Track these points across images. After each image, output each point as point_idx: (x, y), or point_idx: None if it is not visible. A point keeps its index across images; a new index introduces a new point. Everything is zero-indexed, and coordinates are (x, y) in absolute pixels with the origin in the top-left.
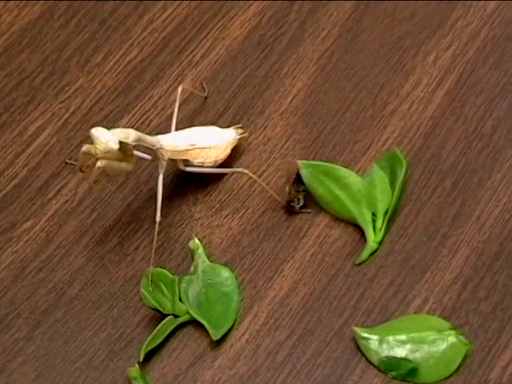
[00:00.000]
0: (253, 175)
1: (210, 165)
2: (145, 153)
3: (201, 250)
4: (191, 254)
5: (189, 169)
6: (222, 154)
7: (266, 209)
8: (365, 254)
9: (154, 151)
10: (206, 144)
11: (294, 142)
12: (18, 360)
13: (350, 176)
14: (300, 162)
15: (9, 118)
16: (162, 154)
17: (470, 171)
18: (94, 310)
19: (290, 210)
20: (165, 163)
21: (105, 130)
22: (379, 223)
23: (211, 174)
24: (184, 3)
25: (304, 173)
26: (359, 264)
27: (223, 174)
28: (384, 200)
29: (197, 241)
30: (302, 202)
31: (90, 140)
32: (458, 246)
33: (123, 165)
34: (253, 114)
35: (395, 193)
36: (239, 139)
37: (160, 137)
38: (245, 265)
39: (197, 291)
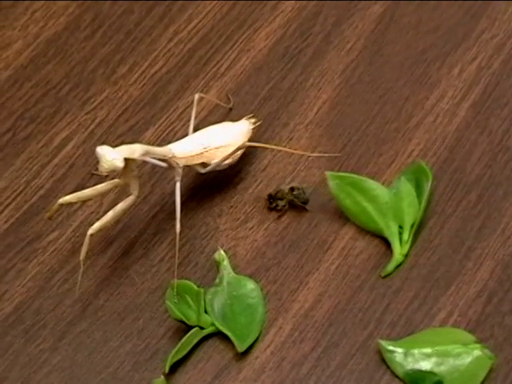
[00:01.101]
0: (256, 144)
1: (229, 162)
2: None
3: (226, 262)
4: (216, 266)
5: (207, 169)
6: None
7: (291, 221)
8: (391, 267)
9: (167, 161)
10: (220, 143)
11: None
12: (44, 371)
13: (378, 188)
14: (327, 173)
15: (35, 129)
16: (177, 163)
17: (495, 184)
18: (119, 321)
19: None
20: (180, 170)
21: (109, 148)
22: (405, 236)
23: (235, 185)
24: (209, 15)
25: (331, 184)
26: (385, 276)
27: (249, 182)
28: (411, 213)
29: (222, 252)
30: (279, 205)
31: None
32: (483, 258)
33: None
34: (278, 126)
35: (422, 206)
36: (253, 129)
37: (171, 146)
38: (270, 277)
39: (222, 303)
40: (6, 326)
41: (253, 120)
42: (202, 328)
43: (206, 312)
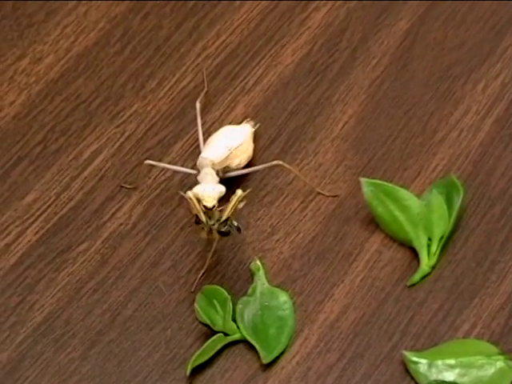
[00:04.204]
0: (286, 165)
1: (245, 163)
2: (192, 168)
3: (261, 272)
4: (251, 275)
5: (228, 174)
6: (249, 148)
7: (317, 233)
8: (417, 277)
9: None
10: (238, 142)
11: (345, 168)
12: (73, 379)
13: (410, 199)
14: (362, 180)
15: (65, 142)
16: (214, 169)
17: None
18: (148, 331)
19: (197, 221)
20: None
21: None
22: (434, 248)
23: (262, 199)
24: (237, 31)
25: (365, 190)
26: (410, 286)
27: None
28: (441, 226)
29: (258, 262)
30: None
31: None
32: (507, 272)
33: None
34: (304, 140)
35: (452, 219)
36: (254, 131)
37: (206, 154)
38: (296, 288)
39: (253, 313)
40: (37, 335)
41: (252, 122)
42: (226, 335)
43: (234, 320)
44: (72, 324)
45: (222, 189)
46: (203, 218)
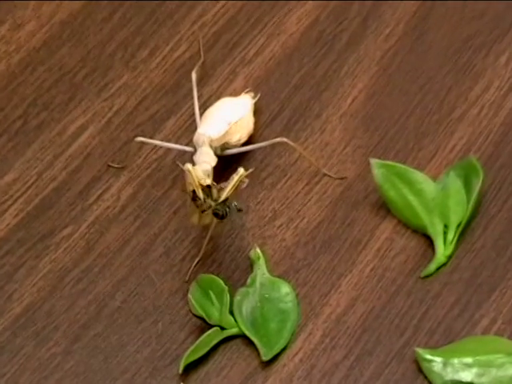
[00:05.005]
0: (291, 143)
1: (245, 139)
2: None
3: (262, 261)
4: (250, 265)
5: (227, 152)
6: (250, 122)
7: (323, 219)
8: (432, 267)
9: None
10: (237, 116)
11: (354, 148)
12: (55, 376)
13: (425, 182)
14: (373, 161)
15: (48, 117)
16: (212, 146)
17: None
18: (137, 325)
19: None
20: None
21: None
22: (451, 236)
23: (262, 180)
24: None
25: (376, 173)
26: (425, 277)
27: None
28: (458, 212)
29: (258, 250)
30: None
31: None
32: None
33: None
34: (309, 117)
35: (470, 206)
36: (255, 105)
37: (203, 130)
38: (299, 279)
39: (252, 305)
40: (16, 327)
41: (252, 94)
42: (223, 329)
43: (231, 313)
44: (54, 316)
45: (208, 167)
46: (201, 194)
